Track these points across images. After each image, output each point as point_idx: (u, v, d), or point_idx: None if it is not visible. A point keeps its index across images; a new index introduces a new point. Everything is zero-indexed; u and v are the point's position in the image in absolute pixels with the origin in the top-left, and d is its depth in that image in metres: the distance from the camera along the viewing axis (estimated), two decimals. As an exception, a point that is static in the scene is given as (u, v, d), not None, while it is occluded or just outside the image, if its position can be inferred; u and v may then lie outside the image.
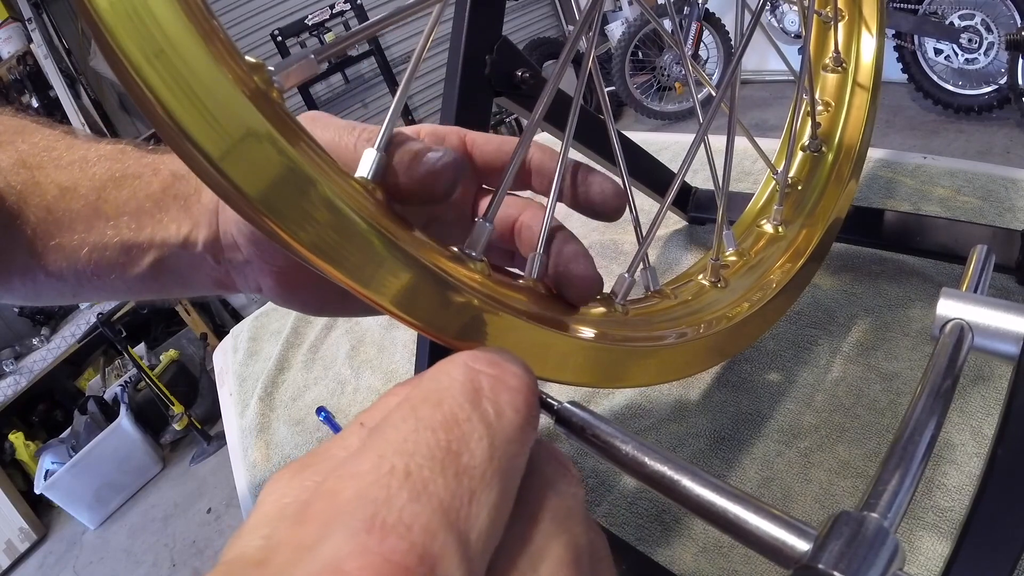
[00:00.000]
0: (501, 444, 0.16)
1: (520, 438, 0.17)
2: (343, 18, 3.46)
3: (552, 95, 0.29)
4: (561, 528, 0.17)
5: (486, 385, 0.17)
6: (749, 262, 0.48)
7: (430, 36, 0.27)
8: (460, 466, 0.15)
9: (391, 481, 0.14)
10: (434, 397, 0.17)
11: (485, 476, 0.16)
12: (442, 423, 0.16)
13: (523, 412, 0.17)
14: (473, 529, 0.15)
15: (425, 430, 0.16)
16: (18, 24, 2.90)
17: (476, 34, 0.42)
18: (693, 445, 0.51)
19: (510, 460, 0.17)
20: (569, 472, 0.19)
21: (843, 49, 0.59)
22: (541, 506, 0.18)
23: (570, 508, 0.18)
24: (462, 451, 0.16)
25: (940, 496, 0.42)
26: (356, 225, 0.21)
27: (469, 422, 0.16)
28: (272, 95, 0.22)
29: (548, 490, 0.18)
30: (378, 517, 0.14)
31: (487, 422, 0.16)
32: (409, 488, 0.14)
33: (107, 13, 0.18)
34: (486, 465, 0.16)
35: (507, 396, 0.17)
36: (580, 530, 0.18)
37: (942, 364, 0.27)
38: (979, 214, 0.60)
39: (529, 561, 0.16)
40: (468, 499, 0.15)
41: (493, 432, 0.16)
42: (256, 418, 0.76)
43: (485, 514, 0.15)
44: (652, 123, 3.68)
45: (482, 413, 0.17)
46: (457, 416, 0.16)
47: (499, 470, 0.16)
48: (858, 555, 0.18)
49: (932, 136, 2.78)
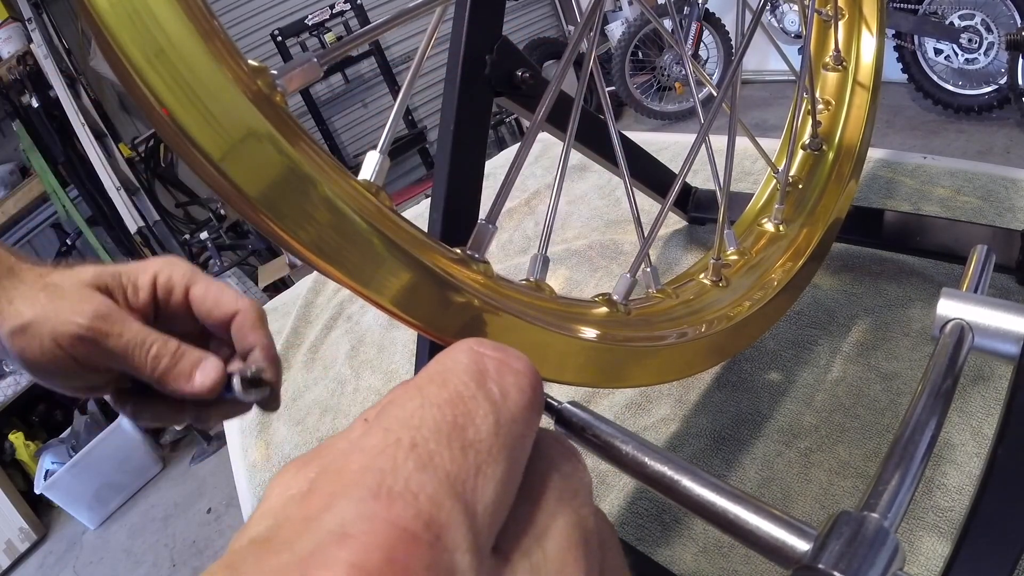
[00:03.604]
0: (507, 422, 0.16)
1: (525, 418, 0.17)
2: (343, 18, 3.45)
3: (554, 96, 0.29)
4: (568, 508, 0.18)
5: (491, 367, 0.18)
6: (750, 261, 0.48)
7: (432, 37, 0.27)
8: (466, 440, 0.15)
9: (397, 452, 0.15)
10: (439, 378, 0.17)
11: (492, 451, 0.16)
12: (448, 400, 0.16)
13: (528, 394, 0.18)
14: (479, 501, 0.15)
15: (431, 406, 0.16)
16: (18, 24, 2.90)
17: (476, 34, 0.42)
18: (693, 445, 0.51)
19: (516, 438, 0.17)
20: (575, 457, 0.20)
21: (843, 48, 0.59)
22: (547, 487, 0.18)
23: (577, 490, 0.18)
24: (467, 426, 0.16)
25: (940, 496, 0.41)
26: (356, 225, 0.21)
27: (474, 399, 0.16)
28: (276, 99, 0.22)
29: (554, 472, 0.18)
30: (384, 485, 0.14)
31: (492, 400, 0.17)
32: (415, 458, 0.14)
33: (107, 13, 0.18)
34: (492, 440, 0.16)
35: (512, 378, 0.18)
36: (587, 512, 0.18)
37: (942, 364, 0.27)
38: (979, 214, 0.60)
39: (535, 539, 0.17)
40: (474, 472, 0.15)
41: (498, 410, 0.17)
42: (256, 418, 0.76)
43: (491, 488, 0.15)
44: (652, 123, 3.68)
45: (487, 392, 0.17)
46: (462, 394, 0.16)
47: (505, 446, 0.16)
48: (858, 555, 0.18)
49: (932, 136, 2.78)
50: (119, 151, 2.91)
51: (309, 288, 0.97)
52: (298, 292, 0.99)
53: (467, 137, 0.42)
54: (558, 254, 0.79)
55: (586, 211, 0.86)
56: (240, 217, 0.23)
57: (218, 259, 3.01)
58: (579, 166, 0.94)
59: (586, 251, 0.77)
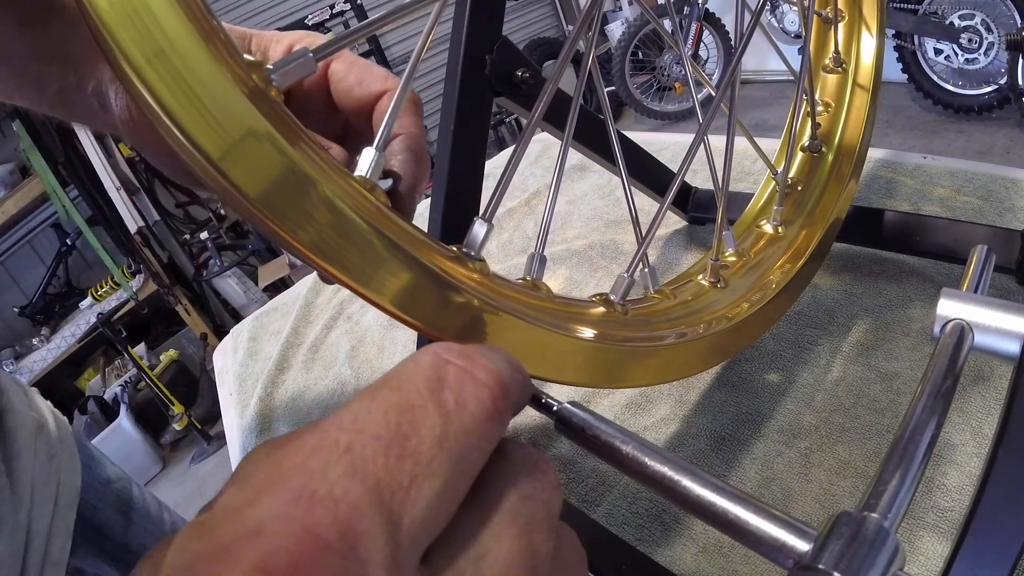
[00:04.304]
0: (455, 435, 0.16)
1: (480, 431, 0.17)
2: (343, 18, 3.46)
3: (552, 95, 0.29)
4: (517, 532, 0.17)
5: (451, 375, 0.17)
6: (749, 262, 0.48)
7: (429, 35, 0.27)
8: (405, 449, 0.15)
9: (330, 455, 0.14)
10: (395, 382, 0.17)
11: (431, 463, 0.15)
12: (396, 406, 0.16)
13: (487, 406, 0.17)
14: (407, 514, 0.14)
15: (377, 411, 0.16)
16: (18, 24, 2.90)
17: (476, 34, 0.42)
18: (693, 445, 0.51)
19: (463, 452, 0.16)
20: (545, 477, 0.19)
21: (843, 49, 0.59)
22: (499, 507, 0.17)
23: (533, 514, 0.18)
24: (410, 435, 0.15)
25: (940, 496, 0.41)
26: (356, 225, 0.21)
27: (423, 408, 0.16)
28: (271, 94, 0.22)
29: (511, 491, 0.18)
30: (308, 488, 0.14)
31: (444, 411, 0.16)
32: (346, 463, 0.14)
33: (107, 13, 0.18)
34: (434, 451, 0.15)
35: (472, 388, 0.17)
36: (541, 538, 0.17)
37: (942, 364, 0.27)
38: (979, 214, 0.60)
39: (473, 559, 0.16)
40: (408, 482, 0.15)
41: (448, 421, 0.16)
42: (256, 418, 0.76)
43: (424, 501, 0.15)
44: (652, 123, 3.68)
45: (440, 401, 0.16)
46: (412, 401, 0.16)
47: (448, 459, 0.16)
48: (858, 555, 0.18)
49: (932, 136, 2.78)
50: (119, 151, 2.91)
51: (309, 288, 0.97)
52: (298, 292, 0.99)
53: (467, 137, 0.42)
54: (558, 254, 0.79)
55: (586, 211, 0.86)
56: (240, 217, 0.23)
57: (218, 259, 3.01)
58: (579, 166, 0.94)
59: (586, 251, 0.77)
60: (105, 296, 3.06)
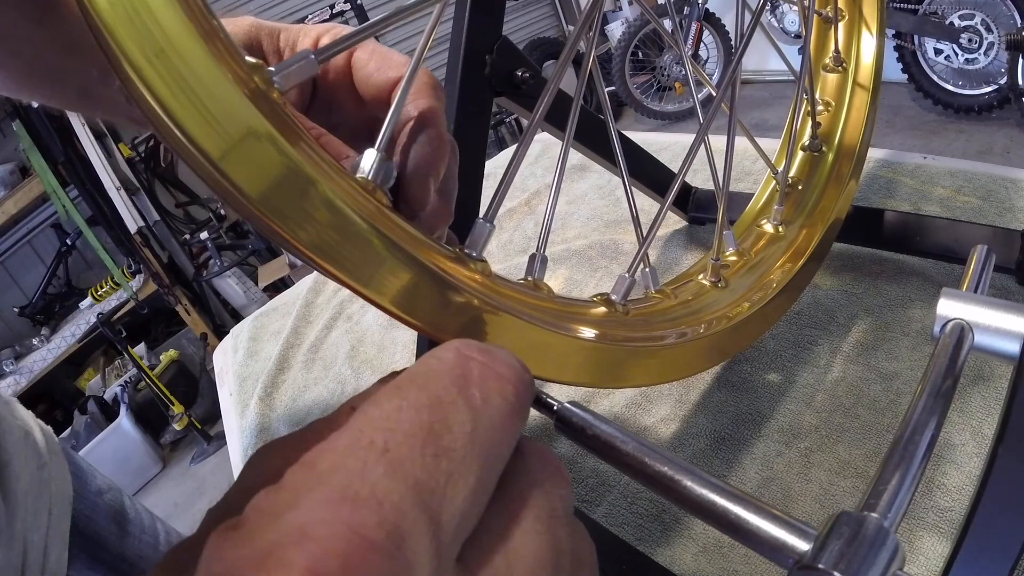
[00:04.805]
0: (484, 430, 0.16)
1: (505, 426, 0.17)
2: (343, 18, 3.46)
3: (552, 95, 0.29)
4: (544, 527, 0.17)
5: (475, 371, 0.17)
6: (749, 262, 0.48)
7: (431, 36, 0.27)
8: (440, 447, 0.15)
9: (368, 455, 0.14)
10: (421, 379, 0.17)
11: (465, 460, 0.15)
12: (426, 404, 0.16)
13: (511, 401, 0.17)
14: (446, 511, 0.14)
15: (408, 409, 0.16)
16: (18, 24, 2.90)
17: (476, 34, 0.42)
18: (693, 445, 0.51)
19: (492, 447, 0.16)
20: (559, 473, 0.19)
21: (843, 49, 0.59)
22: (524, 503, 0.18)
23: (555, 509, 0.18)
24: (443, 432, 0.15)
25: (940, 496, 0.41)
26: (356, 225, 0.21)
27: (454, 405, 0.16)
28: (272, 95, 0.22)
29: (534, 488, 0.18)
30: (351, 488, 0.13)
31: (472, 407, 0.16)
32: (385, 463, 0.14)
33: (107, 13, 0.18)
34: (467, 448, 0.15)
35: (496, 384, 0.17)
36: (563, 532, 0.18)
37: (942, 364, 0.27)
38: (979, 214, 0.60)
39: (504, 556, 0.16)
40: (444, 480, 0.15)
41: (477, 417, 0.16)
42: (256, 418, 0.76)
43: (461, 498, 0.15)
44: (652, 123, 3.68)
45: (468, 397, 0.16)
46: (442, 398, 0.16)
47: (480, 455, 0.16)
48: (858, 555, 0.18)
49: (932, 136, 2.78)
50: (119, 151, 2.91)
51: (309, 288, 0.97)
52: (298, 292, 0.99)
53: (467, 137, 0.42)
54: (558, 254, 0.79)
55: (586, 211, 0.86)
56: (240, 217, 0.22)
57: (218, 259, 3.01)
58: (579, 166, 0.94)
59: (586, 251, 0.77)
60: (105, 296, 3.06)
